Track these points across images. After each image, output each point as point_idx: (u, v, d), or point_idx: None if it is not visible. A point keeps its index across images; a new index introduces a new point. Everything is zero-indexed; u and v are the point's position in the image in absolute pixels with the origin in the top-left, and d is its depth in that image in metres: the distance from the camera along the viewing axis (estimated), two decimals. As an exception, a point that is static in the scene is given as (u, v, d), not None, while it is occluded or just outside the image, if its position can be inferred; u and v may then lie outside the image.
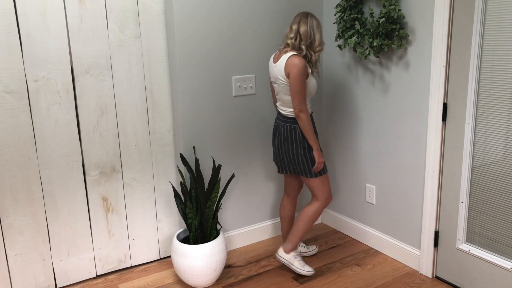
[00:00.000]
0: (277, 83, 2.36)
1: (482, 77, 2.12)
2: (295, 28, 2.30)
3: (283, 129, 2.41)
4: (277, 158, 2.51)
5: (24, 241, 2.34)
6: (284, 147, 2.42)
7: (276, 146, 2.49)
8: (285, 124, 2.40)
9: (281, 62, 2.29)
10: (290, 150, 2.40)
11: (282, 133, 2.41)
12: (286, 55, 2.28)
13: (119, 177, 2.54)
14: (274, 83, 2.39)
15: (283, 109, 2.41)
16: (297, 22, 2.30)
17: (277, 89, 2.39)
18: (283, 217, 2.73)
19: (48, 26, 2.20)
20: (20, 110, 2.21)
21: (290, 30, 2.31)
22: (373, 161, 2.76)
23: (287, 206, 2.70)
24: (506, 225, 2.14)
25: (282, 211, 2.72)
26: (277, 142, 2.47)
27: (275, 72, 2.34)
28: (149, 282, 2.54)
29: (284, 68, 2.26)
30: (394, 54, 2.49)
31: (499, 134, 2.10)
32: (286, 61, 2.26)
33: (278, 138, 2.45)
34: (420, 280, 2.50)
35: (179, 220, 2.77)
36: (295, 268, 2.54)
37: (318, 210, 2.50)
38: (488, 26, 2.05)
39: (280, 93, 2.38)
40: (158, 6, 2.46)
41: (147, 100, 2.54)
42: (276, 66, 2.33)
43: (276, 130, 2.48)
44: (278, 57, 2.33)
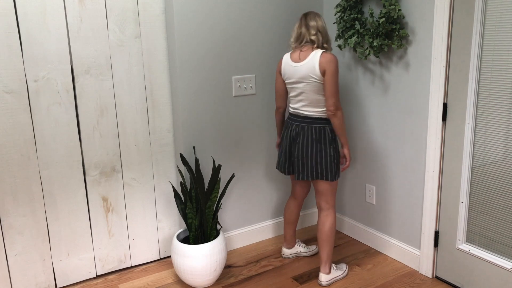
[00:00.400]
0: (303, 83, 2.25)
1: (482, 77, 2.12)
2: (313, 24, 2.24)
3: (311, 131, 2.29)
4: (299, 163, 2.35)
5: (24, 241, 2.34)
6: (312, 150, 2.29)
7: (298, 150, 2.33)
8: (312, 125, 2.30)
9: (311, 60, 2.20)
10: (319, 152, 2.29)
11: (310, 135, 2.29)
12: (316, 52, 2.20)
13: (119, 177, 2.54)
14: (296, 83, 2.28)
15: (308, 110, 2.30)
16: (313, 19, 2.25)
17: (301, 89, 2.27)
18: (290, 222, 2.68)
19: (48, 26, 2.20)
20: (20, 110, 2.22)
21: (308, 28, 2.24)
22: (373, 161, 2.76)
23: (295, 210, 2.65)
24: (506, 225, 2.14)
25: (289, 215, 2.66)
26: (300, 146, 2.32)
27: (302, 71, 2.23)
28: (149, 282, 2.54)
29: (319, 65, 2.18)
30: (394, 54, 2.49)
31: (499, 134, 2.10)
32: (320, 58, 2.18)
33: (303, 141, 2.31)
34: (420, 280, 2.50)
35: (179, 220, 2.77)
36: (341, 277, 2.52)
37: (335, 218, 2.45)
38: (488, 26, 2.05)
39: (307, 92, 2.26)
40: (158, 6, 2.46)
41: (147, 100, 2.54)
42: (302, 65, 2.23)
43: (296, 133, 2.34)
44: (302, 56, 2.24)
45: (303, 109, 2.32)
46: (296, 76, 2.28)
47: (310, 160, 2.31)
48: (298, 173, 2.38)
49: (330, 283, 2.47)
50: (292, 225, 2.68)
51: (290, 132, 2.39)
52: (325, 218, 2.42)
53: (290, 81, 2.33)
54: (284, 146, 2.44)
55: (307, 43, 2.26)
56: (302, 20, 2.29)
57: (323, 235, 2.42)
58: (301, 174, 2.37)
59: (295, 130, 2.35)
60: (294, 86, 2.31)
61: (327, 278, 2.46)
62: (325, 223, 2.42)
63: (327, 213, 2.42)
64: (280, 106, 2.50)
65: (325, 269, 2.46)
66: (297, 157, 2.35)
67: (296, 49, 2.30)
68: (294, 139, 2.35)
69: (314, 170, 2.33)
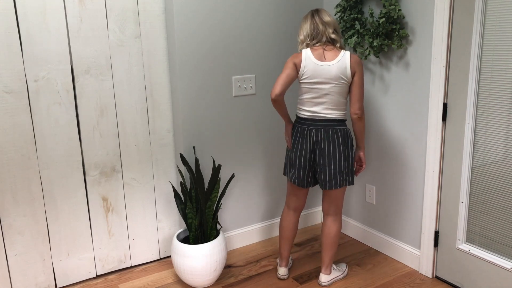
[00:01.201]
0: (331, 84, 2.13)
1: (482, 77, 2.12)
2: (329, 21, 2.14)
3: (336, 134, 2.18)
4: (326, 170, 2.20)
5: (24, 241, 2.34)
6: (340, 154, 2.19)
7: (324, 156, 2.19)
8: (337, 128, 2.19)
9: (341, 61, 2.12)
10: (344, 155, 2.19)
11: (336, 138, 2.18)
12: (345, 53, 2.13)
13: (119, 177, 2.54)
14: (322, 83, 2.14)
15: (331, 113, 2.18)
16: (327, 15, 2.15)
17: (327, 90, 2.14)
18: (288, 238, 2.47)
19: (48, 26, 2.20)
20: (20, 110, 2.21)
21: (325, 26, 2.14)
22: (373, 161, 2.76)
23: (296, 225, 2.47)
24: (506, 225, 2.14)
25: (290, 231, 2.46)
26: (326, 151, 2.18)
27: (332, 71, 2.11)
28: (149, 282, 2.54)
29: (350, 66, 2.11)
30: (394, 54, 2.49)
31: (499, 134, 2.10)
32: (351, 59, 2.12)
33: (329, 145, 2.17)
34: (420, 280, 2.50)
35: (179, 220, 2.77)
36: (341, 277, 2.51)
37: (341, 224, 2.41)
38: (488, 26, 2.05)
39: (332, 94, 2.15)
40: (158, 6, 2.46)
41: (147, 100, 2.54)
42: (332, 65, 2.11)
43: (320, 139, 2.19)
44: (327, 55, 2.13)
45: (325, 112, 2.19)
46: (323, 76, 2.13)
47: (339, 166, 2.19)
48: (326, 182, 2.22)
49: (330, 283, 2.47)
50: (291, 241, 2.49)
51: (310, 139, 2.20)
52: (332, 223, 2.37)
53: (312, 80, 2.15)
54: (301, 154, 2.24)
55: (328, 42, 2.16)
56: (315, 17, 2.16)
57: (328, 240, 2.38)
58: (328, 183, 2.22)
59: (316, 135, 2.19)
60: (318, 86, 2.15)
61: (328, 279, 2.46)
62: (332, 228, 2.37)
63: (335, 218, 2.37)
64: (282, 93, 2.16)
65: (326, 271, 2.45)
66: (324, 164, 2.19)
67: (316, 47, 2.16)
68: (317, 145, 2.20)
69: (342, 176, 2.21)
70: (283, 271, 2.53)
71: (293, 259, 2.74)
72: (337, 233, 2.39)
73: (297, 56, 2.18)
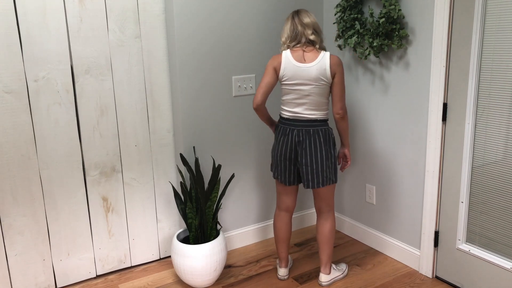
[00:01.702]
0: (311, 85, 2.15)
1: (482, 77, 2.12)
2: (308, 22, 2.15)
3: (318, 134, 2.20)
4: (308, 170, 2.22)
5: (24, 241, 2.34)
6: (322, 153, 2.20)
7: (306, 156, 2.20)
8: (318, 128, 2.21)
9: (321, 62, 2.12)
10: (326, 155, 2.22)
11: (318, 138, 2.20)
12: (325, 54, 2.14)
13: (119, 177, 2.54)
14: (302, 85, 2.16)
15: (312, 113, 2.20)
16: (307, 16, 2.16)
17: (308, 91, 2.16)
18: (285, 240, 2.46)
19: (48, 26, 2.20)
20: (20, 110, 2.21)
21: (304, 27, 2.15)
22: (373, 161, 2.76)
23: (289, 225, 2.46)
24: (506, 225, 2.14)
25: (284, 232, 2.45)
26: (308, 151, 2.20)
27: (312, 73, 2.13)
28: (149, 282, 2.54)
29: (330, 67, 2.12)
30: (394, 54, 2.49)
31: (499, 134, 2.10)
32: (330, 60, 2.12)
33: (310, 145, 2.20)
34: (420, 280, 2.50)
35: (179, 220, 2.77)
36: (341, 277, 2.51)
37: (335, 221, 2.42)
38: (488, 26, 2.05)
39: (312, 95, 2.17)
40: (158, 6, 2.46)
41: (147, 100, 2.54)
42: (311, 67, 2.12)
43: (301, 139, 2.21)
44: (307, 56, 2.14)
45: (306, 113, 2.21)
46: (303, 78, 2.15)
47: (321, 165, 2.21)
48: (308, 181, 2.24)
49: (330, 283, 2.47)
50: (288, 242, 2.48)
51: (292, 138, 2.23)
52: (325, 221, 2.40)
53: (292, 82, 2.17)
54: (283, 153, 2.27)
55: (307, 43, 2.17)
56: (295, 18, 2.17)
57: (324, 238, 2.40)
58: (310, 182, 2.24)
59: (298, 135, 2.21)
60: (298, 88, 2.17)
61: (327, 279, 2.46)
62: (326, 225, 2.39)
63: (328, 215, 2.40)
64: (263, 102, 2.24)
65: (326, 270, 2.45)
66: (306, 164, 2.22)
67: (296, 48, 2.18)
68: (299, 145, 2.22)
69: (325, 175, 2.23)
70: (283, 271, 2.53)
71: (293, 259, 2.74)
72: (331, 230, 2.40)
73: (276, 58, 2.21)
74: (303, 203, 3.15)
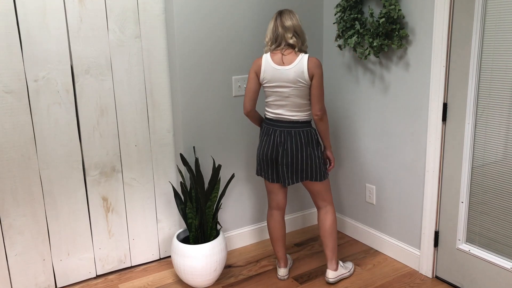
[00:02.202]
0: (290, 87, 2.18)
1: (482, 77, 2.12)
2: (289, 25, 2.16)
3: (299, 135, 2.24)
4: (287, 169, 2.27)
5: (24, 241, 2.34)
6: (302, 153, 2.24)
7: (286, 156, 2.25)
8: (300, 129, 2.24)
9: (299, 64, 2.15)
10: (309, 155, 2.25)
11: (299, 139, 2.24)
12: (303, 57, 2.16)
13: (119, 177, 2.54)
14: (281, 87, 2.20)
15: (294, 114, 2.24)
16: (289, 19, 2.16)
17: (287, 93, 2.20)
18: (279, 238, 2.47)
19: (48, 26, 2.20)
20: (20, 110, 2.22)
21: (285, 30, 2.16)
22: (373, 161, 2.76)
23: (282, 223, 2.47)
24: (506, 225, 2.14)
25: (279, 230, 2.47)
26: (289, 151, 2.24)
27: (289, 75, 2.16)
28: (149, 282, 2.54)
29: (308, 70, 2.14)
30: (394, 54, 2.49)
31: (499, 134, 2.10)
32: (308, 62, 2.14)
33: (291, 146, 2.24)
34: (420, 280, 2.50)
35: (179, 220, 2.77)
36: (347, 275, 2.52)
37: (335, 214, 2.44)
38: (488, 26, 2.05)
39: (292, 97, 2.20)
40: (158, 6, 2.46)
41: (147, 100, 2.54)
42: (289, 69, 2.16)
43: (282, 139, 2.25)
44: (285, 59, 2.17)
45: (287, 114, 2.24)
46: (281, 80, 2.19)
47: (300, 164, 2.26)
48: (286, 179, 2.30)
49: (337, 280, 2.47)
50: (283, 240, 2.49)
51: (274, 139, 2.27)
52: (324, 215, 2.42)
53: (272, 84, 2.21)
54: (265, 153, 2.31)
55: (286, 46, 2.18)
56: (278, 20, 2.19)
57: (325, 232, 2.42)
58: (288, 179, 2.29)
59: (280, 135, 2.26)
60: (277, 90, 2.21)
61: (335, 275, 2.46)
62: (326, 220, 2.41)
63: (326, 210, 2.42)
64: (251, 109, 2.33)
65: (332, 266, 2.46)
66: (286, 164, 2.26)
67: (276, 51, 2.20)
68: (280, 145, 2.26)
69: (304, 173, 2.28)
70: (282, 272, 2.53)
71: (293, 259, 2.74)
72: (332, 224, 2.41)
73: (256, 62, 2.27)
74: (303, 203, 3.15)
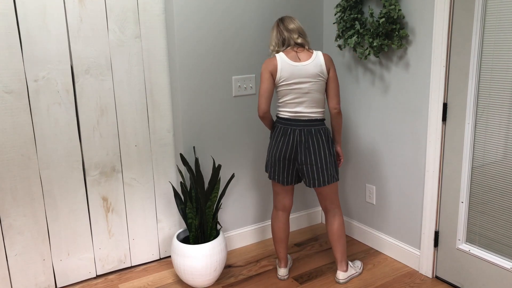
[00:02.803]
0: (310, 82, 2.19)
1: (482, 77, 2.12)
2: (293, 27, 2.23)
3: (319, 133, 2.23)
4: (312, 169, 2.24)
5: (24, 241, 2.34)
6: (325, 152, 2.24)
7: (310, 155, 2.23)
8: (319, 127, 2.24)
9: (316, 59, 2.20)
10: (327, 153, 2.25)
11: (320, 138, 2.23)
12: (317, 53, 2.22)
13: (119, 177, 2.54)
14: (301, 83, 2.19)
15: (313, 111, 2.24)
16: (291, 22, 2.25)
17: (307, 89, 2.19)
18: (283, 239, 2.47)
19: (48, 26, 2.20)
20: (20, 110, 2.22)
21: (291, 32, 2.22)
22: (373, 161, 2.76)
23: (287, 224, 2.47)
24: (506, 225, 2.14)
25: (283, 232, 2.46)
26: (312, 151, 2.22)
27: (309, 70, 2.18)
28: (149, 282, 2.54)
29: (325, 64, 2.20)
30: (394, 54, 2.49)
31: (499, 134, 2.10)
32: (324, 57, 2.21)
33: (313, 145, 2.22)
34: (420, 280, 2.50)
35: (179, 220, 2.77)
36: (357, 274, 2.53)
37: (342, 217, 2.43)
38: (488, 26, 2.05)
39: (312, 92, 2.21)
40: (158, 6, 2.46)
41: (147, 100, 2.54)
42: (308, 64, 2.18)
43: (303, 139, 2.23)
44: (301, 56, 2.20)
45: (306, 111, 2.23)
46: (300, 76, 2.19)
47: (325, 164, 2.25)
48: (313, 180, 2.26)
49: (347, 281, 2.48)
50: (286, 241, 2.49)
51: (294, 138, 2.24)
52: (333, 218, 2.41)
53: (290, 81, 2.20)
54: (283, 153, 2.27)
55: (297, 46, 2.24)
56: (280, 26, 2.26)
57: (334, 235, 2.42)
58: (316, 180, 2.26)
59: (300, 135, 2.23)
60: (296, 87, 2.20)
61: (345, 276, 2.47)
62: (334, 223, 2.41)
63: (334, 213, 2.41)
64: (268, 110, 2.28)
65: (342, 267, 2.47)
66: (310, 163, 2.24)
67: (288, 50, 2.23)
68: (300, 145, 2.24)
69: (330, 173, 2.27)
70: (282, 272, 2.53)
71: (293, 259, 2.74)
72: (340, 226, 2.41)
73: (270, 62, 2.22)
74: (304, 203, 3.16)
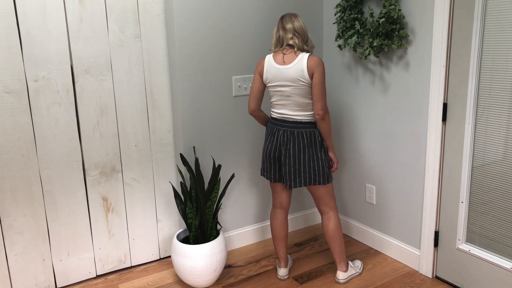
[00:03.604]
0: (291, 86, 2.19)
1: (482, 77, 2.12)
2: (289, 27, 2.20)
3: (301, 136, 2.24)
4: (290, 170, 2.27)
5: (24, 241, 2.34)
6: (305, 155, 2.25)
7: (289, 157, 2.26)
8: (303, 130, 2.25)
9: (299, 63, 2.16)
10: (311, 157, 2.25)
11: (302, 140, 2.24)
12: (303, 55, 2.17)
13: (119, 177, 2.54)
14: (282, 86, 2.22)
15: (297, 114, 2.25)
16: (289, 21, 2.22)
17: (288, 92, 2.21)
18: (281, 238, 2.48)
19: (48, 26, 2.20)
20: (20, 110, 2.22)
21: (286, 31, 2.21)
22: (373, 161, 2.76)
23: (285, 222, 2.48)
24: (506, 225, 2.14)
25: (281, 230, 2.48)
26: (292, 152, 2.25)
27: (289, 74, 2.18)
28: (149, 282, 2.55)
29: (307, 68, 2.15)
30: (394, 54, 2.49)
31: (499, 134, 2.10)
32: (308, 61, 2.15)
33: (293, 147, 2.25)
34: (420, 280, 2.50)
35: (179, 220, 2.77)
36: (357, 274, 2.54)
37: (338, 219, 2.43)
38: (488, 26, 2.05)
39: (293, 96, 2.21)
40: (158, 6, 2.46)
41: (147, 100, 2.54)
42: (289, 68, 2.18)
43: (286, 139, 2.26)
44: (286, 58, 2.20)
45: (290, 114, 2.26)
46: (282, 79, 2.21)
47: (303, 166, 2.26)
48: (289, 181, 2.29)
49: (347, 281, 2.48)
50: (285, 240, 2.50)
51: (277, 138, 2.29)
52: (327, 220, 2.41)
53: (274, 84, 2.24)
54: (268, 152, 2.34)
55: (288, 46, 2.22)
56: (279, 24, 2.25)
57: (330, 238, 2.42)
58: (292, 182, 2.29)
59: (283, 135, 2.27)
60: (279, 89, 2.24)
61: (345, 276, 2.47)
62: (329, 224, 2.41)
63: (328, 215, 2.41)
64: (256, 109, 2.36)
65: (342, 267, 2.47)
66: (288, 164, 2.27)
67: (278, 52, 2.24)
68: (283, 145, 2.27)
69: (307, 176, 2.27)
70: (282, 271, 2.53)
71: (293, 259, 2.74)
72: (334, 228, 2.41)
73: (260, 63, 2.31)
74: (304, 203, 3.16)
